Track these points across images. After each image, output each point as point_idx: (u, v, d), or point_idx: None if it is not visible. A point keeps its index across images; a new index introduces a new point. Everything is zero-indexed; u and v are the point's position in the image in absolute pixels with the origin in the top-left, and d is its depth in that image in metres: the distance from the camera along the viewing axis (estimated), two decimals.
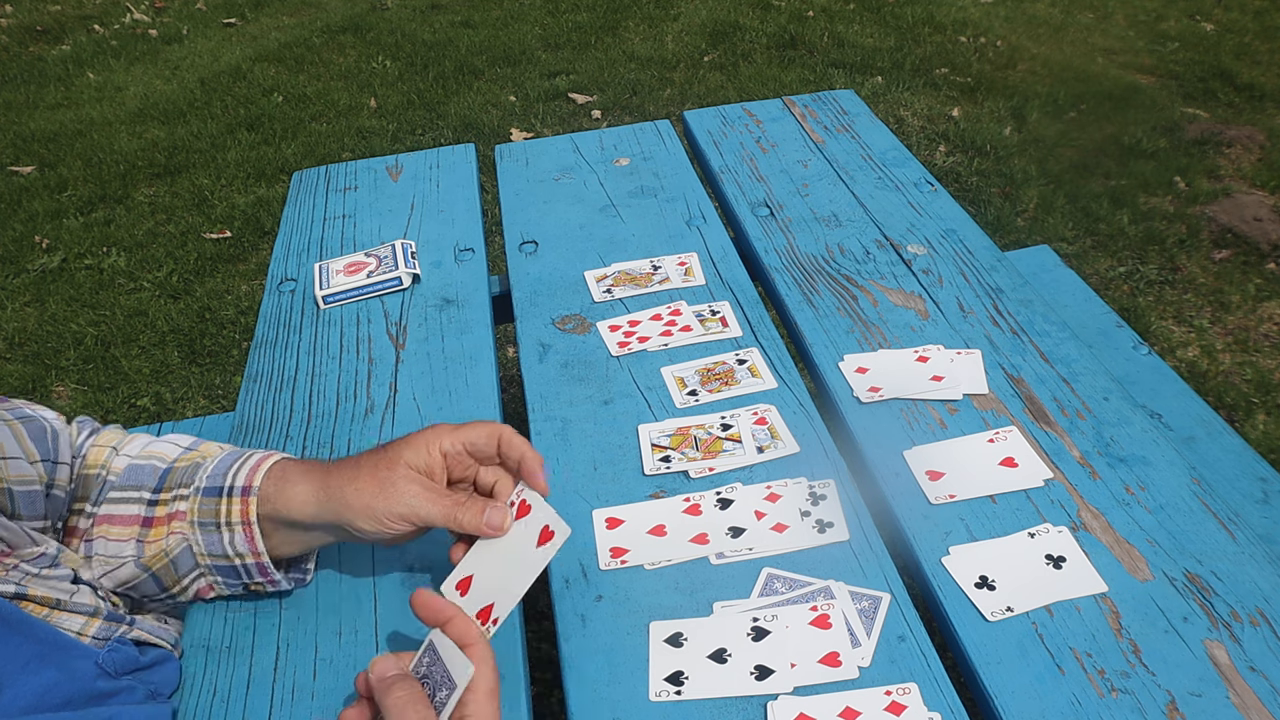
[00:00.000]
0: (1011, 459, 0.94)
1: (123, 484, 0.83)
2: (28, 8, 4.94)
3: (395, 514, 0.74)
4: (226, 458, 0.83)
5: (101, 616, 0.75)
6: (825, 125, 1.60)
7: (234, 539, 0.78)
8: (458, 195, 1.48)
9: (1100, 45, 3.77)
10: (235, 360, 2.48)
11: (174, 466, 0.84)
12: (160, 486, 0.82)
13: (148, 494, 0.82)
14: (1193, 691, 0.73)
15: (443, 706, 0.64)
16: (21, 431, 0.81)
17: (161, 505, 0.81)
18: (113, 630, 0.75)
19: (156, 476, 0.83)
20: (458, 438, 0.78)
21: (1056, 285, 1.75)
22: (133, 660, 0.75)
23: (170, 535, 0.80)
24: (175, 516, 0.80)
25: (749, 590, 0.83)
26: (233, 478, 0.80)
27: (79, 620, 0.73)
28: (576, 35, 4.14)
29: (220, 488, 0.80)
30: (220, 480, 0.80)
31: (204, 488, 0.80)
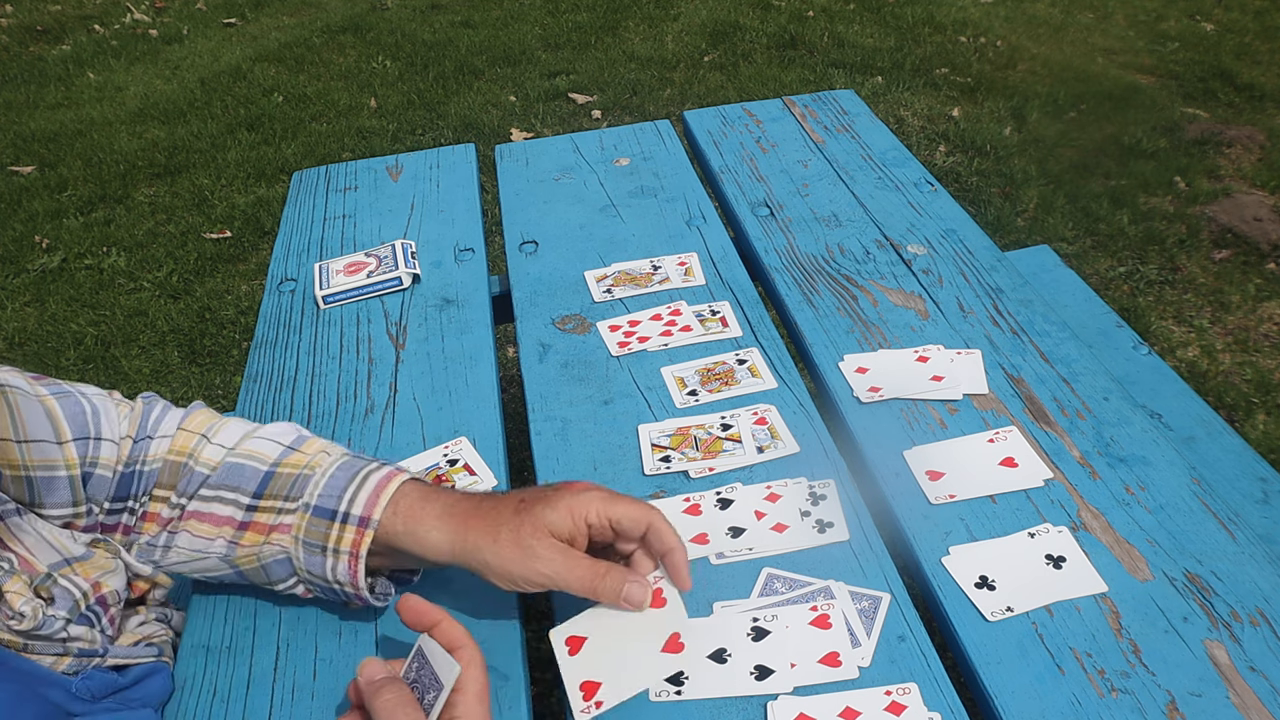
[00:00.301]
0: (1011, 459, 0.94)
1: (218, 483, 0.79)
2: (28, 8, 4.94)
3: (534, 581, 0.72)
4: (340, 473, 0.78)
5: (71, 655, 0.72)
6: (825, 125, 1.60)
7: (337, 566, 0.75)
8: (458, 195, 1.48)
9: (1100, 45, 3.77)
10: (235, 360, 2.48)
11: (276, 471, 0.79)
12: (260, 492, 0.78)
13: (246, 498, 0.78)
14: (1193, 691, 0.73)
15: (430, 708, 0.64)
16: (55, 409, 0.78)
17: (261, 513, 0.78)
18: (84, 665, 0.73)
19: (257, 480, 0.79)
20: (605, 512, 0.74)
21: (1056, 285, 1.75)
22: (110, 684, 0.73)
23: (268, 544, 0.77)
24: (278, 529, 0.77)
25: (749, 590, 0.83)
26: (349, 503, 0.75)
27: (48, 660, 0.71)
28: (576, 35, 4.14)
29: (334, 511, 0.75)
30: (334, 503, 0.76)
31: (315, 505, 0.76)
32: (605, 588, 0.73)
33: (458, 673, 0.65)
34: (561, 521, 0.73)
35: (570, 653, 0.76)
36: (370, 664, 0.68)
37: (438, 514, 0.75)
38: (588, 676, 0.74)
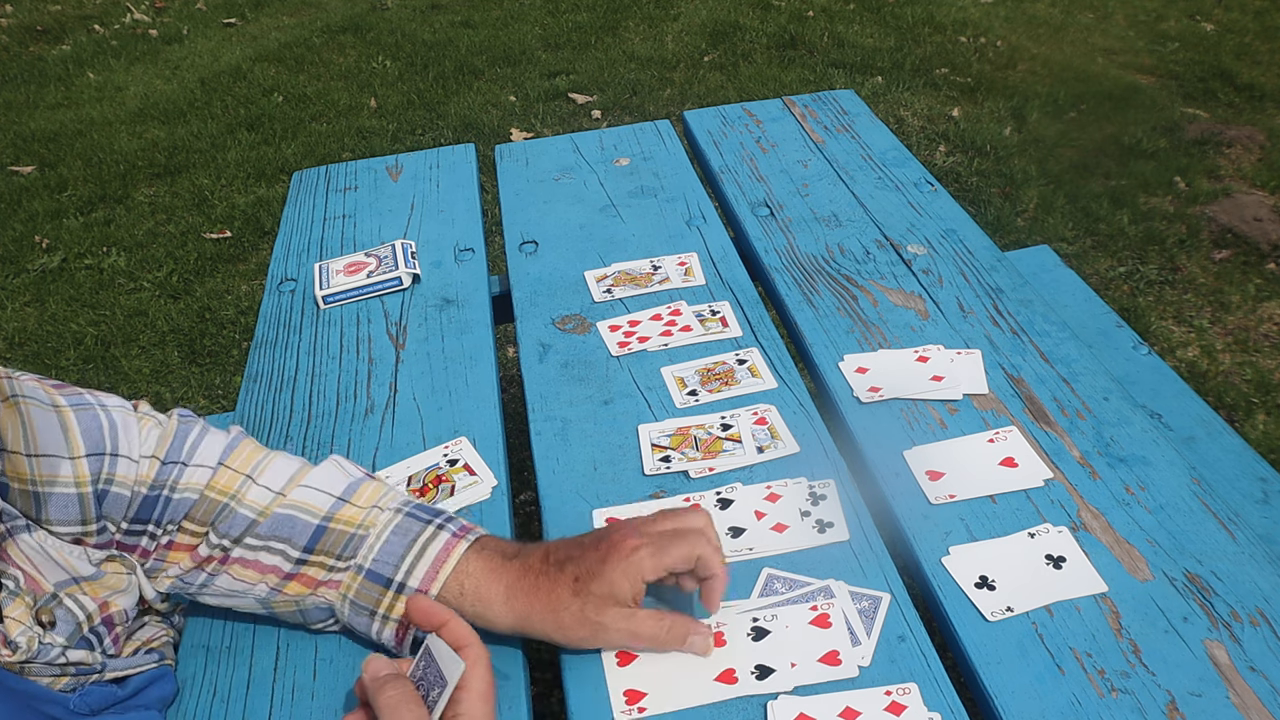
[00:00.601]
0: (1011, 459, 0.94)
1: (267, 533, 0.78)
2: (28, 8, 4.94)
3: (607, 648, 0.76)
4: (396, 538, 0.76)
5: (69, 675, 0.71)
6: (825, 125, 1.60)
7: (384, 631, 0.75)
8: (458, 195, 1.48)
9: (1100, 45, 3.77)
10: (235, 360, 2.48)
11: (329, 527, 0.78)
12: (311, 548, 0.77)
13: (296, 551, 0.77)
14: (1193, 691, 0.73)
15: (434, 705, 0.64)
16: (71, 422, 0.76)
17: (311, 567, 0.77)
18: (81, 682, 0.72)
19: (308, 535, 0.77)
20: (660, 565, 0.74)
21: (1056, 285, 1.75)
22: (109, 696, 0.73)
23: (314, 596, 0.77)
24: (326, 585, 0.76)
25: (749, 590, 0.83)
26: (406, 573, 0.75)
27: (44, 680, 0.70)
28: (576, 35, 4.14)
29: (389, 580, 0.75)
30: (390, 570, 0.75)
31: (369, 570, 0.75)
32: (670, 640, 0.75)
33: (462, 670, 0.65)
34: (622, 590, 0.73)
35: (619, 664, 0.76)
36: (375, 661, 0.68)
37: (502, 597, 0.75)
38: (633, 686, 0.75)
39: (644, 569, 0.73)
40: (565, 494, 0.94)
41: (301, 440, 1.04)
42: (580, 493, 0.94)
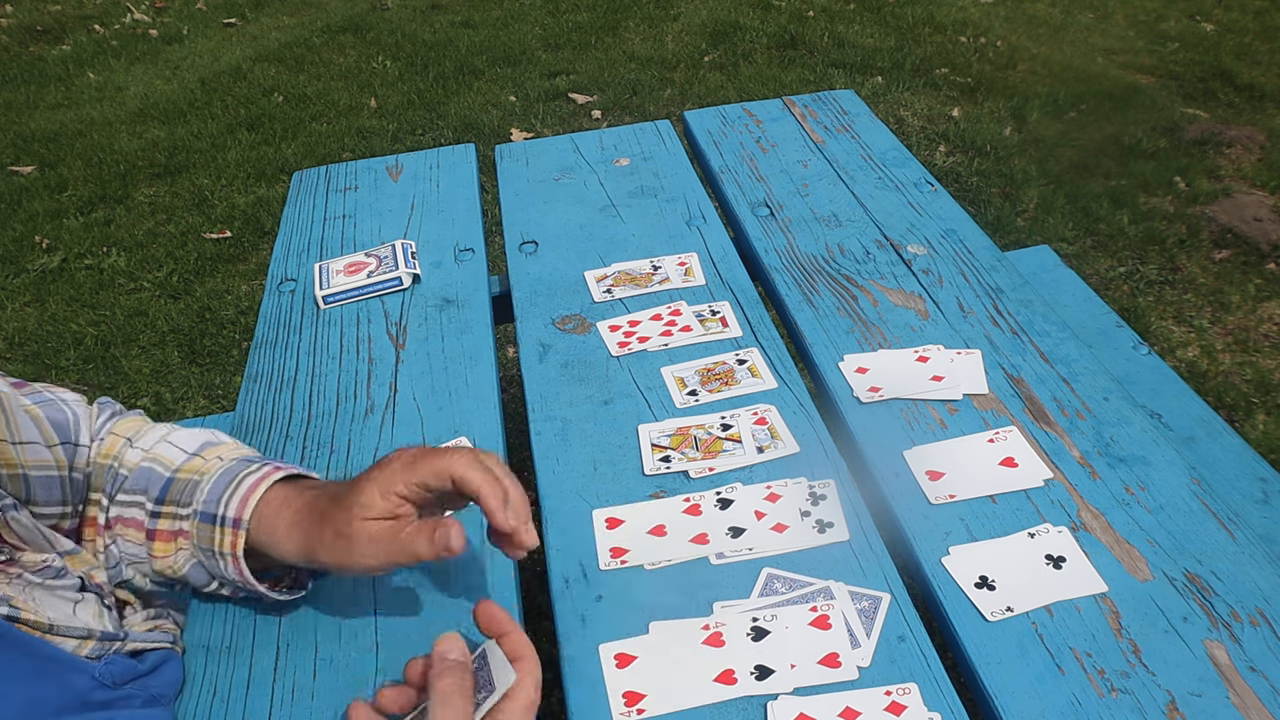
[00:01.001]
0: (1011, 459, 0.94)
1: (130, 487, 0.82)
2: (28, 8, 4.94)
3: (363, 567, 0.72)
4: (222, 478, 0.80)
5: (95, 638, 0.74)
6: (825, 125, 1.60)
7: (228, 568, 0.78)
8: (458, 195, 1.48)
9: (1100, 45, 3.77)
10: (235, 360, 2.48)
11: (175, 477, 0.82)
12: (162, 498, 0.81)
13: (150, 504, 0.81)
14: (1193, 691, 0.73)
15: (479, 706, 0.65)
16: (40, 415, 0.80)
17: (164, 519, 0.81)
18: (106, 649, 0.74)
19: (159, 486, 0.82)
20: (410, 478, 0.72)
21: (1056, 285, 1.75)
22: (131, 670, 0.74)
23: (179, 552, 0.80)
24: (181, 534, 0.80)
25: (749, 590, 0.83)
26: (224, 505, 0.78)
27: (71, 644, 0.72)
28: (576, 35, 4.14)
29: (214, 515, 0.78)
30: (214, 507, 0.78)
31: (200, 511, 0.79)
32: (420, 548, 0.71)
33: (512, 680, 0.66)
34: (372, 503, 0.72)
35: (618, 666, 0.77)
36: (450, 641, 0.68)
37: (287, 524, 0.76)
38: (633, 687, 0.75)
39: (394, 481, 0.72)
40: (565, 494, 0.94)
41: (301, 440, 1.04)
42: (580, 493, 0.94)
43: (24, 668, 0.67)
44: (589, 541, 0.89)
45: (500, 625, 0.70)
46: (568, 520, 0.91)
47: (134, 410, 0.91)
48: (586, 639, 0.80)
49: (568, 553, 0.88)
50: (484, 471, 0.73)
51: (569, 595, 0.84)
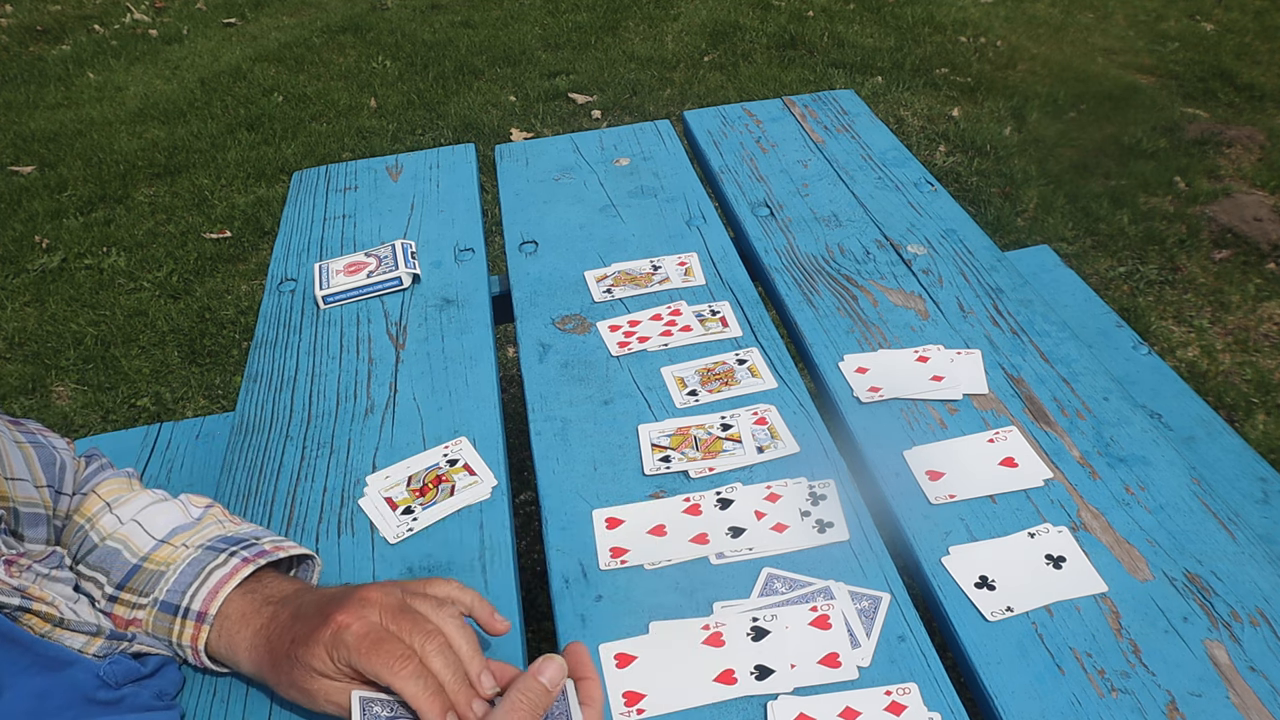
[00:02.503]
0: (1011, 459, 0.94)
1: (93, 562, 0.81)
2: (28, 8, 4.94)
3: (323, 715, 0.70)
4: (189, 569, 0.78)
5: (104, 636, 0.74)
6: (825, 125, 1.60)
7: (185, 658, 0.77)
8: (458, 195, 1.48)
9: (1100, 45, 3.77)
10: (235, 360, 2.48)
11: (142, 566, 0.80)
12: (123, 584, 0.79)
13: (110, 588, 0.79)
14: (1193, 691, 0.73)
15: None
16: (32, 455, 0.81)
17: (120, 605, 0.79)
18: (114, 648, 0.75)
19: (123, 573, 0.80)
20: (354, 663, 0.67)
21: (1056, 285, 1.74)
22: (133, 671, 0.75)
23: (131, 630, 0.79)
24: (133, 623, 0.79)
25: (749, 590, 0.83)
26: (190, 598, 0.76)
27: (81, 639, 0.73)
28: (576, 35, 4.14)
29: (176, 605, 0.77)
30: (177, 598, 0.77)
31: (161, 600, 0.77)
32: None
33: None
34: (323, 666, 0.68)
35: (618, 666, 0.77)
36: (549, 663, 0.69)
37: (247, 644, 0.74)
38: (633, 687, 0.75)
39: (347, 651, 0.67)
40: (565, 494, 0.94)
41: (301, 440, 1.04)
42: (580, 493, 0.94)
43: (30, 662, 0.67)
44: (589, 541, 0.89)
45: (583, 671, 0.71)
46: (568, 520, 0.91)
47: (123, 469, 0.90)
48: (586, 639, 0.80)
49: (568, 553, 0.88)
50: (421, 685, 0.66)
51: (569, 595, 0.84)
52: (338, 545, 0.90)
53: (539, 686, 0.67)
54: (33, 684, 0.66)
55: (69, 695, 0.68)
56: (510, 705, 0.66)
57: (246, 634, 0.75)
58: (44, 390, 2.41)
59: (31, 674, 0.66)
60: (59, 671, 0.68)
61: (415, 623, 0.69)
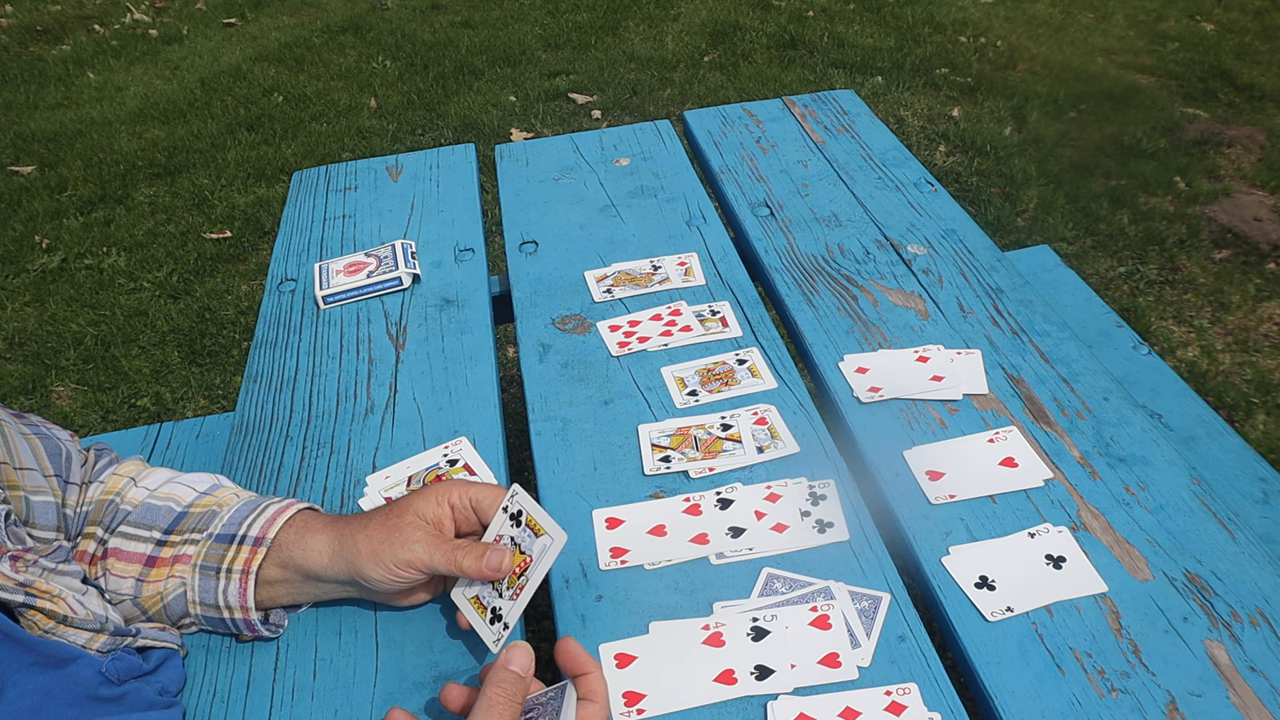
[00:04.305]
0: (1011, 459, 0.94)
1: (136, 520, 0.83)
2: (28, 8, 4.94)
3: (401, 559, 0.76)
4: (245, 506, 0.83)
5: (108, 632, 0.75)
6: (825, 125, 1.60)
7: (228, 588, 0.78)
8: (458, 195, 1.48)
9: (1100, 45, 3.77)
10: (235, 360, 2.48)
11: (189, 511, 0.83)
12: (171, 529, 0.82)
13: (158, 534, 0.82)
14: (1193, 691, 0.73)
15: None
16: (39, 446, 0.82)
17: (169, 547, 0.81)
18: (118, 643, 0.75)
19: (170, 519, 0.83)
20: (466, 493, 0.80)
21: (1056, 285, 1.75)
22: (136, 667, 0.75)
23: (170, 578, 0.80)
24: (180, 559, 0.80)
25: (749, 590, 0.83)
26: (248, 526, 0.80)
27: (84, 635, 0.73)
28: (576, 35, 4.14)
29: (233, 535, 0.80)
30: (235, 528, 0.80)
31: (217, 534, 0.80)
32: (465, 559, 0.76)
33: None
34: (426, 506, 0.78)
35: (618, 666, 0.77)
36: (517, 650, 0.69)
37: (324, 522, 0.81)
38: (633, 687, 0.75)
39: (452, 492, 0.80)
40: (565, 494, 0.94)
41: (301, 440, 1.04)
42: (580, 493, 0.94)
43: (35, 660, 0.67)
44: (589, 541, 0.89)
45: (582, 666, 0.70)
46: (568, 520, 0.91)
47: (134, 456, 0.93)
48: (586, 639, 0.80)
49: (568, 553, 0.88)
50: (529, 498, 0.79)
51: (569, 595, 0.84)
52: None
53: (511, 675, 0.67)
54: (35, 682, 0.66)
55: (71, 692, 0.68)
56: (488, 702, 0.65)
57: (321, 531, 0.80)
58: (44, 390, 2.41)
59: (34, 672, 0.66)
60: (61, 668, 0.68)
61: None
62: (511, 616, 0.75)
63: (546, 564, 0.75)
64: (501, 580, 0.77)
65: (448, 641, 0.81)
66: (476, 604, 0.78)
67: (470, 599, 0.78)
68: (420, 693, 0.77)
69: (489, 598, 0.77)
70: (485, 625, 0.76)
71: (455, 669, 0.79)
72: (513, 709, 0.65)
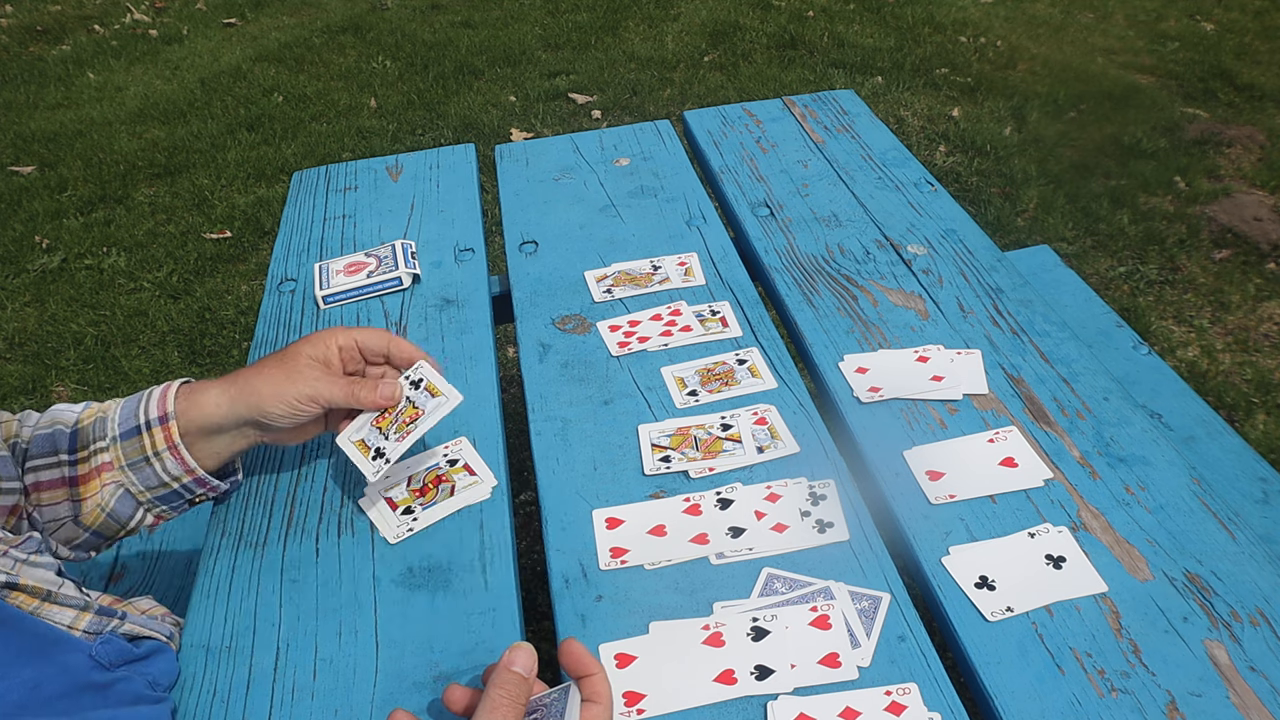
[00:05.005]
0: (1011, 459, 0.94)
1: (37, 452, 0.85)
2: (28, 8, 4.94)
3: (304, 395, 0.84)
4: (130, 401, 0.86)
5: (92, 611, 0.75)
6: (825, 125, 1.60)
7: (166, 466, 0.82)
8: (458, 195, 1.48)
9: (1100, 45, 3.77)
10: (235, 360, 2.48)
11: (79, 427, 0.86)
12: (74, 447, 0.84)
13: (64, 456, 0.84)
14: (1193, 691, 0.73)
15: None
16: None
17: (82, 463, 0.84)
18: (104, 624, 0.75)
19: (67, 439, 0.85)
20: (351, 336, 0.89)
21: (1056, 285, 1.75)
22: (126, 652, 0.75)
23: (104, 488, 0.82)
24: (103, 469, 0.83)
25: (749, 590, 0.83)
26: (145, 413, 0.84)
27: (70, 614, 0.73)
28: (576, 35, 4.14)
29: (137, 426, 0.84)
30: (133, 420, 0.84)
31: (120, 433, 0.84)
32: (362, 392, 0.86)
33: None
34: (315, 349, 0.87)
35: (618, 666, 0.77)
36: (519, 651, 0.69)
37: (209, 384, 0.87)
38: (633, 688, 0.75)
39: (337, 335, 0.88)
40: (565, 494, 0.94)
41: None
42: (580, 493, 0.94)
43: (22, 647, 0.67)
44: (589, 541, 0.89)
45: (586, 666, 0.70)
46: (568, 520, 0.91)
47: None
48: (587, 639, 0.80)
49: (568, 553, 0.88)
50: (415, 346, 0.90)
51: (569, 595, 0.84)
52: (338, 545, 0.90)
53: (514, 676, 0.67)
54: (24, 674, 0.65)
55: (62, 683, 0.67)
56: (492, 704, 0.65)
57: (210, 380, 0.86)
58: (44, 390, 2.41)
59: (23, 662, 0.66)
60: (51, 656, 0.68)
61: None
62: (394, 454, 0.84)
63: (437, 416, 0.86)
64: (390, 426, 0.86)
65: (448, 642, 0.81)
66: (361, 445, 0.87)
67: (356, 442, 0.87)
68: (420, 693, 0.77)
69: (374, 439, 0.86)
70: (367, 462, 0.85)
71: (455, 669, 0.79)
72: (516, 710, 0.65)
